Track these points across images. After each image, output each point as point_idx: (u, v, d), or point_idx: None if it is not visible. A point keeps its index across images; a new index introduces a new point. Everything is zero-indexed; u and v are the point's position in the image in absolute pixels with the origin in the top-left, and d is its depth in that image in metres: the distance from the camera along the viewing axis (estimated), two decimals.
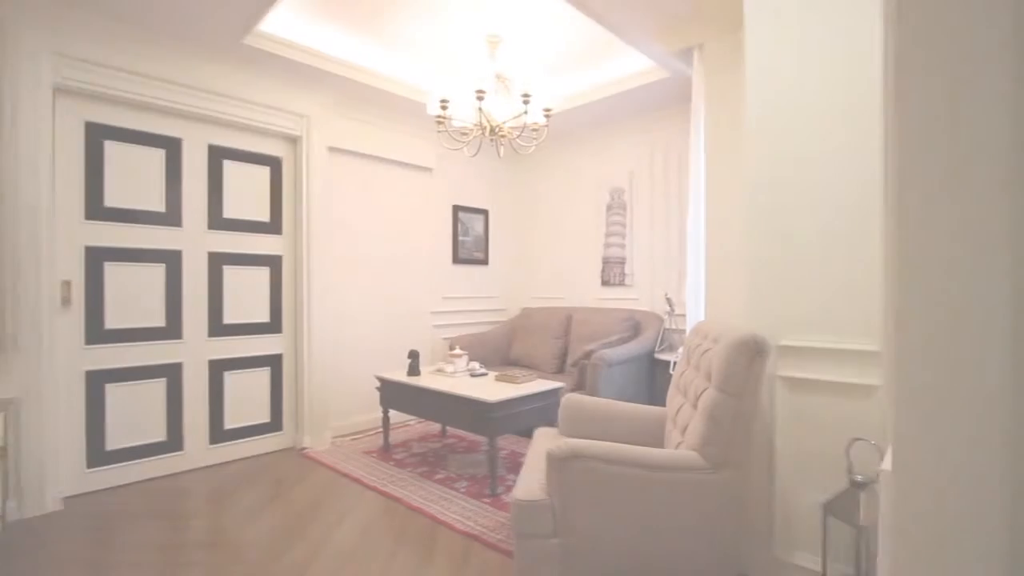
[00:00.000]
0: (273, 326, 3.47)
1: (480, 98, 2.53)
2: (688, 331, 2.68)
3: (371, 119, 3.92)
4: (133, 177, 2.90)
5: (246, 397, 3.34)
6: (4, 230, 2.45)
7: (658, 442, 2.11)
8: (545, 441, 2.23)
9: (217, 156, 3.21)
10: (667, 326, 3.75)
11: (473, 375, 3.28)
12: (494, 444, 2.72)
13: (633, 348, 3.50)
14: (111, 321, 2.83)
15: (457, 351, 3.43)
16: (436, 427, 3.99)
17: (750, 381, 1.62)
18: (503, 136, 2.86)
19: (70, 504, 2.61)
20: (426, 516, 2.49)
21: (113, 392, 2.84)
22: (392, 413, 3.47)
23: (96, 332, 2.79)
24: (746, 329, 1.71)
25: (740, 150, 2.40)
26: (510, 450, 3.42)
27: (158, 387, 2.99)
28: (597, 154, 4.46)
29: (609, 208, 4.35)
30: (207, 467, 3.15)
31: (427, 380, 3.17)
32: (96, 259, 2.78)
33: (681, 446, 1.74)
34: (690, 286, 2.77)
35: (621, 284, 4.27)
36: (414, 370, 3.32)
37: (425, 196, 4.41)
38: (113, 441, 2.84)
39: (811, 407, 1.80)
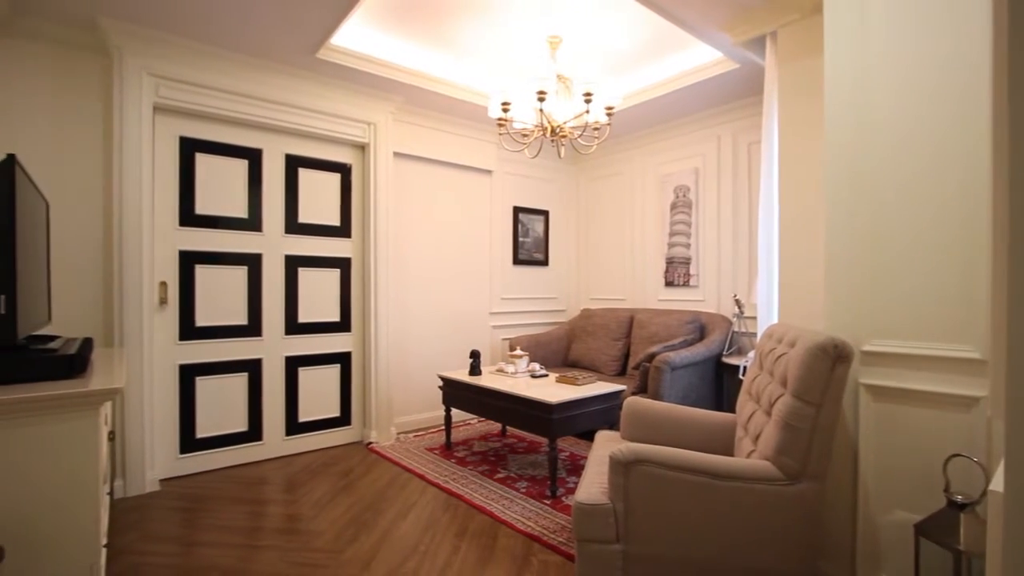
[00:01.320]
0: (343, 325, 3.64)
1: (541, 99, 2.53)
2: (760, 334, 2.54)
3: (433, 124, 4.02)
4: (220, 186, 3.14)
5: (318, 392, 3.52)
6: (114, 237, 2.72)
7: (726, 450, 2.02)
8: (607, 444, 2.19)
9: (293, 164, 3.41)
10: (736, 329, 3.59)
11: (534, 376, 3.28)
12: (554, 445, 2.71)
13: (698, 351, 3.38)
14: (200, 319, 3.07)
15: (518, 352, 3.45)
16: (496, 426, 4.03)
17: (830, 388, 1.52)
18: (564, 136, 2.84)
19: (165, 486, 2.86)
20: (487, 514, 2.52)
21: (202, 385, 3.08)
22: (453, 411, 3.53)
23: (188, 329, 3.04)
24: (825, 333, 1.60)
25: (818, 142, 2.26)
26: (570, 452, 3.40)
27: (240, 381, 3.22)
28: (660, 152, 4.34)
29: (673, 207, 4.22)
30: (282, 457, 3.35)
31: (488, 380, 3.20)
32: (188, 262, 3.03)
33: (753, 455, 1.66)
34: (761, 287, 2.63)
35: (686, 285, 4.13)
36: (475, 370, 3.37)
37: (485, 198, 4.47)
38: (202, 430, 3.08)
39: (899, 418, 1.66)
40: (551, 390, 2.88)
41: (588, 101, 2.55)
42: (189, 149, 3.03)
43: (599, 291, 4.90)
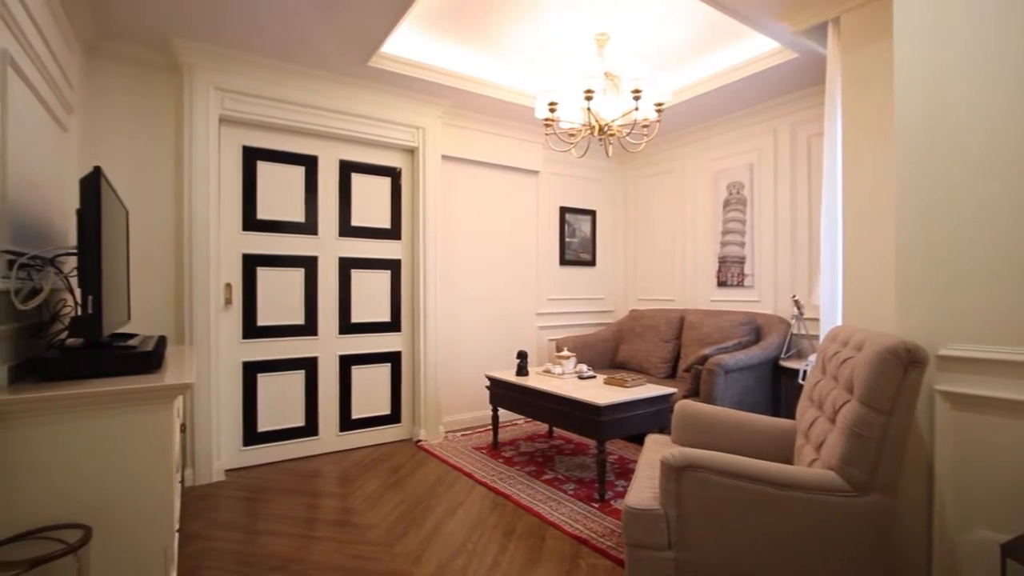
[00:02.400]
0: (393, 325, 3.73)
1: (589, 98, 2.51)
2: (822, 337, 2.42)
3: (480, 126, 4.06)
4: (279, 192, 3.29)
5: (369, 390, 3.63)
6: (184, 241, 2.91)
7: (784, 458, 1.93)
8: (657, 448, 2.14)
9: (346, 170, 3.53)
10: (795, 331, 3.42)
11: (581, 377, 3.25)
12: (603, 448, 2.67)
13: (754, 354, 3.24)
14: (262, 319, 3.24)
15: (565, 353, 3.43)
16: (543, 427, 4.02)
17: (902, 395, 1.42)
18: (612, 135, 2.80)
19: (230, 476, 3.02)
20: (534, 515, 2.51)
21: (263, 381, 3.24)
22: (500, 411, 3.55)
23: (250, 328, 3.20)
24: (896, 336, 1.50)
25: (886, 133, 2.13)
26: (618, 455, 3.34)
27: (298, 378, 3.36)
28: (712, 148, 4.21)
29: (726, 204, 4.08)
30: (336, 452, 3.47)
31: (535, 381, 3.20)
32: (250, 265, 3.20)
33: (816, 464, 1.58)
34: (823, 287, 2.50)
35: (740, 285, 3.98)
36: (522, 370, 3.37)
37: (532, 199, 4.47)
38: (263, 424, 3.24)
39: (981, 428, 1.53)
40: (599, 392, 2.84)
41: (637, 98, 2.50)
42: (251, 157, 3.19)
43: (648, 291, 4.80)
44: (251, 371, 3.20)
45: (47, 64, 2.02)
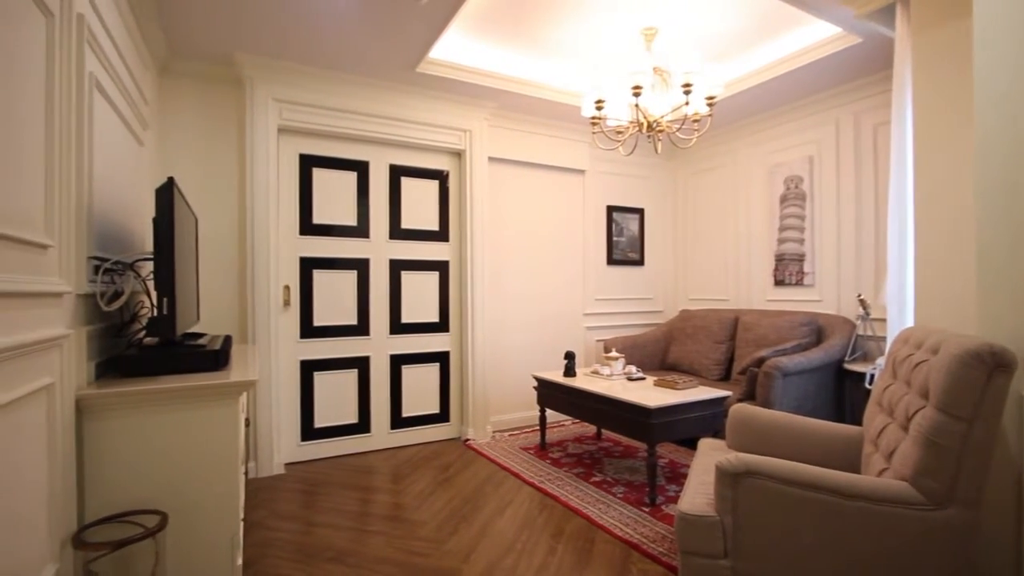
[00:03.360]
0: (441, 325, 3.80)
1: (637, 94, 2.46)
2: (890, 338, 2.27)
3: (526, 127, 4.07)
4: (333, 197, 3.42)
5: (419, 389, 3.71)
6: (247, 245, 3.08)
7: (848, 466, 1.82)
8: (711, 453, 2.07)
9: (396, 174, 3.63)
10: (860, 332, 3.23)
11: (630, 379, 3.20)
12: (653, 451, 2.61)
13: (815, 356, 3.08)
14: (318, 319, 3.37)
15: (613, 353, 3.38)
16: (591, 429, 3.97)
17: (986, 402, 1.31)
18: (661, 131, 2.74)
19: (289, 469, 3.16)
20: (583, 517, 2.49)
21: (319, 379, 3.37)
22: (548, 412, 3.54)
23: (307, 328, 3.34)
24: (978, 338, 1.38)
25: (963, 119, 1.97)
26: (669, 459, 3.26)
27: (351, 377, 3.48)
28: (767, 141, 4.04)
29: (784, 199, 3.90)
30: (387, 449, 3.56)
31: (583, 382, 3.17)
32: (307, 267, 3.34)
33: (886, 474, 1.48)
34: (892, 285, 2.34)
35: (799, 284, 3.79)
36: (570, 371, 3.35)
37: (578, 198, 4.44)
38: (319, 420, 3.37)
39: None
40: (649, 394, 2.78)
41: (687, 92, 2.43)
42: (307, 165, 3.33)
43: (699, 291, 4.66)
44: (308, 369, 3.34)
45: (127, 84, 2.18)
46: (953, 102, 2.05)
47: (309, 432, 3.34)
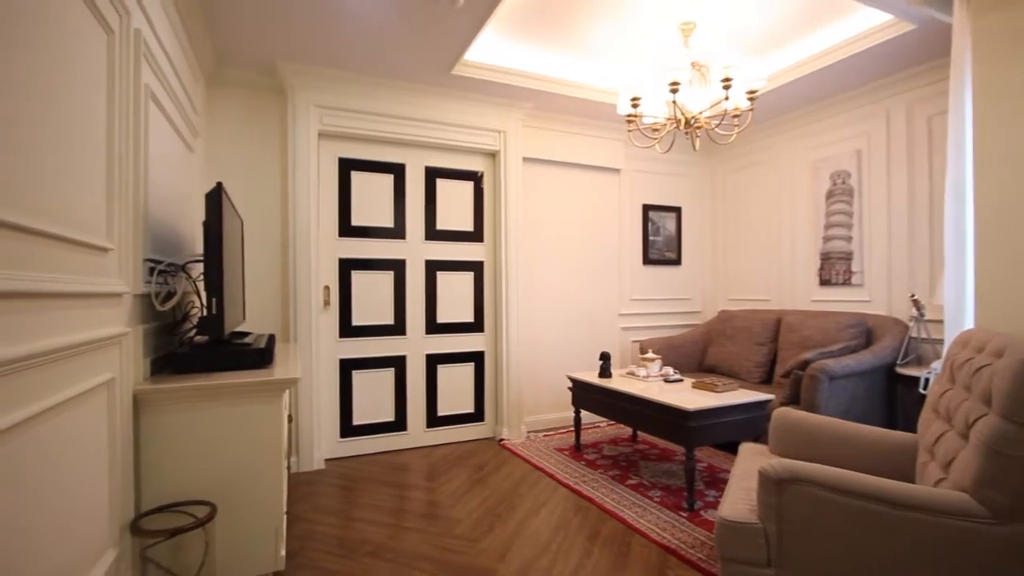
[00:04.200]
0: (476, 325, 3.82)
1: (674, 90, 2.41)
2: (947, 341, 2.15)
3: (561, 126, 4.05)
4: (370, 199, 3.49)
5: (454, 388, 3.75)
6: (288, 247, 3.18)
7: (901, 475, 1.73)
8: (753, 458, 2.02)
9: (431, 176, 3.67)
10: (914, 334, 3.07)
11: (667, 380, 3.14)
12: (692, 455, 2.56)
13: (864, 359, 2.95)
14: (356, 319, 3.45)
15: (650, 355, 3.32)
16: (626, 430, 3.92)
17: None
18: (700, 127, 2.68)
19: (329, 465, 3.25)
20: (619, 520, 2.46)
21: (358, 378, 3.45)
22: (582, 413, 3.52)
23: (346, 328, 3.42)
24: None
25: None
26: (707, 463, 3.18)
27: (388, 376, 3.55)
28: (812, 135, 3.89)
29: (830, 196, 3.75)
30: (423, 447, 3.61)
31: (619, 383, 3.13)
32: (346, 268, 3.42)
33: (943, 484, 1.40)
34: (950, 285, 2.22)
35: (846, 283, 3.64)
36: (605, 372, 3.31)
37: (613, 197, 4.38)
38: (358, 418, 3.45)
39: None
40: (687, 396, 2.72)
41: (727, 87, 2.37)
42: (346, 168, 3.42)
43: (739, 291, 4.54)
44: (347, 368, 3.42)
45: (178, 95, 2.29)
46: (1017, 89, 1.93)
47: (348, 429, 3.42)
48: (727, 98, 2.45)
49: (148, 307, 1.82)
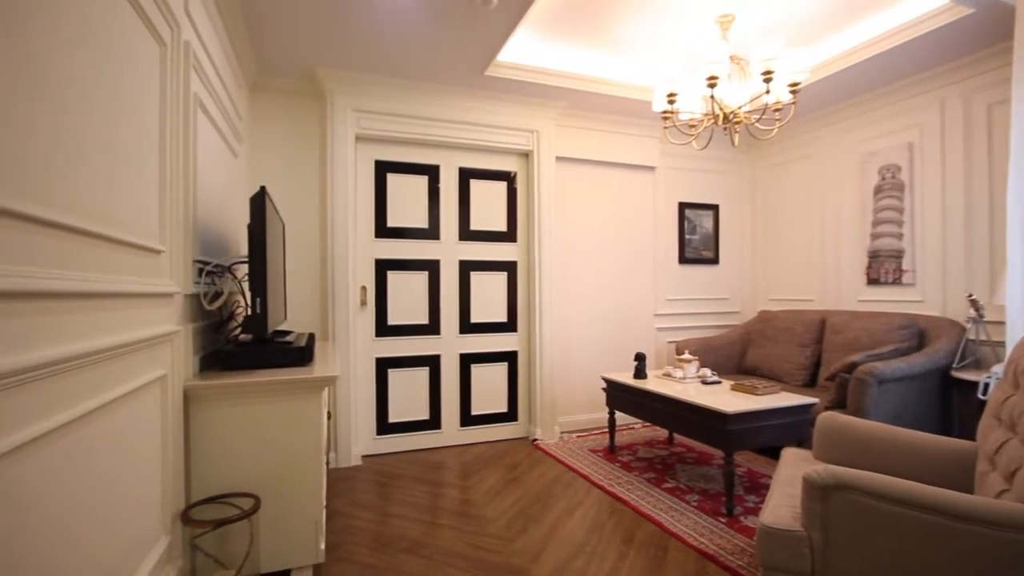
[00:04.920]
0: (510, 325, 3.83)
1: (712, 85, 2.36)
2: (1010, 343, 2.03)
3: (594, 125, 4.02)
4: (405, 200, 3.55)
5: (488, 388, 3.77)
6: (327, 248, 3.26)
7: (957, 485, 1.64)
8: (796, 464, 1.95)
9: (465, 176, 3.70)
10: (971, 336, 2.90)
11: (704, 382, 3.07)
12: (731, 459, 2.49)
13: (916, 362, 2.81)
14: (392, 318, 3.51)
15: (686, 356, 3.26)
16: (662, 433, 3.85)
17: None
18: (739, 122, 2.61)
19: (366, 461, 3.32)
20: (655, 524, 2.42)
21: (393, 376, 3.52)
22: (617, 414, 3.47)
23: (382, 327, 3.49)
24: None
25: None
26: (747, 468, 3.09)
27: (423, 375, 3.59)
28: (859, 128, 3.73)
29: (878, 191, 3.59)
30: (457, 446, 3.64)
31: (655, 384, 3.08)
32: (382, 269, 3.49)
33: (1006, 495, 1.32)
34: (1012, 284, 2.08)
35: (897, 283, 3.47)
36: (640, 373, 3.27)
37: (648, 196, 4.31)
38: (393, 415, 3.51)
39: None
40: (726, 398, 2.65)
41: (768, 80, 2.30)
42: (382, 170, 3.48)
43: (780, 291, 4.39)
44: (383, 367, 3.49)
45: (224, 103, 2.39)
46: None
47: (384, 427, 3.49)
48: (768, 91, 2.38)
49: (197, 306, 1.91)
